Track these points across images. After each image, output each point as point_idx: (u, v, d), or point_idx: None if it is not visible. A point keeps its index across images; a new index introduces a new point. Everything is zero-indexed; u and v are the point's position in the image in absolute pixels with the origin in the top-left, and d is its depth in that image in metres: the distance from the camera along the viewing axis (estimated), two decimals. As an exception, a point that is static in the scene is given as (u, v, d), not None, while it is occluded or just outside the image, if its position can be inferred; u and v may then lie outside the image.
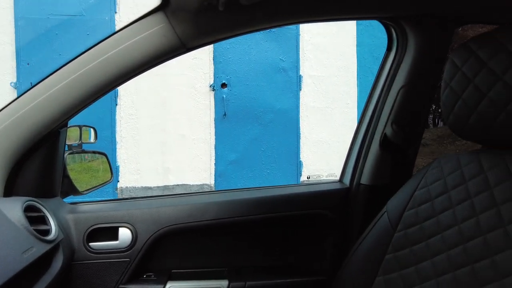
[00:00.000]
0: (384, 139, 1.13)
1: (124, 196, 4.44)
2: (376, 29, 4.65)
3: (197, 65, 4.53)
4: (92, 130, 1.33)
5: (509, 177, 0.69)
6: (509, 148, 0.73)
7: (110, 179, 1.33)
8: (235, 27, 0.90)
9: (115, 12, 4.40)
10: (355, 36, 4.79)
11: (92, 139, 1.34)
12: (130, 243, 1.07)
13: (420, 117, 1.13)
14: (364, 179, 1.16)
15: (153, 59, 0.88)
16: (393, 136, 1.11)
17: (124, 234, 1.07)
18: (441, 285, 0.73)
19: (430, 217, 0.80)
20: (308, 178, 4.76)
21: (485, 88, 0.72)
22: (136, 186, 4.52)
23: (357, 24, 4.75)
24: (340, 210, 1.17)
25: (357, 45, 4.80)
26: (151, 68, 0.91)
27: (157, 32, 0.85)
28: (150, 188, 4.53)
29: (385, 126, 1.13)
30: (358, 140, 1.20)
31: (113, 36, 0.87)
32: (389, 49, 1.14)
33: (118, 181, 4.51)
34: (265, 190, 1.23)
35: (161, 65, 0.93)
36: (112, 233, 1.07)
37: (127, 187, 4.52)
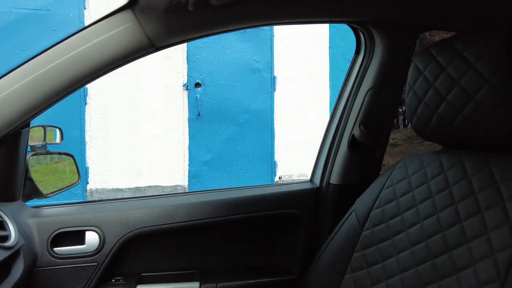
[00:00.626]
0: (352, 140, 1.16)
1: (94, 198, 4.30)
2: (348, 33, 4.73)
3: (170, 64, 4.45)
4: (57, 130, 1.28)
5: (465, 176, 0.73)
6: (466, 149, 0.77)
7: (77, 181, 1.28)
8: (205, 27, 0.90)
9: (84, 8, 4.25)
10: (328, 39, 4.88)
11: (57, 140, 1.29)
12: (98, 247, 1.04)
13: (387, 119, 1.17)
14: (334, 179, 1.19)
15: (122, 57, 0.86)
16: (361, 137, 1.15)
17: (91, 237, 1.04)
18: (404, 281, 0.76)
19: (395, 215, 0.83)
20: (280, 178, 4.80)
21: (445, 92, 0.75)
22: (107, 188, 4.39)
23: (329, 27, 4.84)
24: (311, 210, 1.19)
25: (329, 48, 4.89)
26: (120, 66, 0.89)
27: (125, 30, 0.83)
28: (121, 189, 4.41)
29: (353, 127, 1.16)
30: (328, 140, 1.23)
31: (80, 33, 0.84)
32: (357, 52, 1.17)
33: (88, 182, 4.37)
34: (236, 191, 1.23)
35: (133, 63, 0.91)
36: (78, 237, 1.03)
37: (97, 188, 4.38)
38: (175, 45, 0.92)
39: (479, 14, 1.09)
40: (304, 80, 4.84)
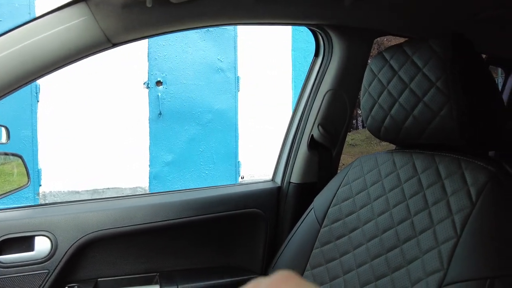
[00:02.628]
0: (312, 140, 1.19)
1: (47, 201, 4.05)
2: (310, 35, 4.86)
3: (130, 61, 4.30)
4: (3, 129, 1.19)
5: (415, 174, 0.77)
6: (417, 148, 0.82)
7: (27, 184, 1.20)
8: (164, 25, 0.88)
9: (36, -2, 3.99)
10: (291, 41, 4.97)
11: (3, 140, 1.20)
12: (49, 253, 0.98)
13: (344, 120, 1.21)
14: (294, 178, 1.21)
15: (75, 53, 0.82)
16: (319, 137, 1.18)
17: (42, 243, 0.98)
18: (360, 275, 0.79)
19: (352, 212, 0.87)
20: (242, 178, 4.80)
21: (397, 94, 0.79)
22: (62, 191, 4.16)
23: (292, 29, 4.93)
24: (272, 209, 1.20)
25: (292, 50, 4.98)
26: (73, 63, 0.85)
27: (78, 24, 0.80)
28: (77, 192, 4.19)
29: (312, 127, 1.19)
30: (288, 140, 1.25)
31: (28, 25, 0.79)
32: (316, 54, 1.21)
33: (40, 185, 4.11)
34: (197, 192, 1.22)
35: (90, 59, 0.87)
36: (27, 244, 0.97)
37: (50, 191, 4.13)
38: (133, 41, 0.90)
39: (429, 22, 1.16)
40: (267, 81, 4.89)
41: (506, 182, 0.64)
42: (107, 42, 0.84)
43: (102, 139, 4.26)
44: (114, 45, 0.86)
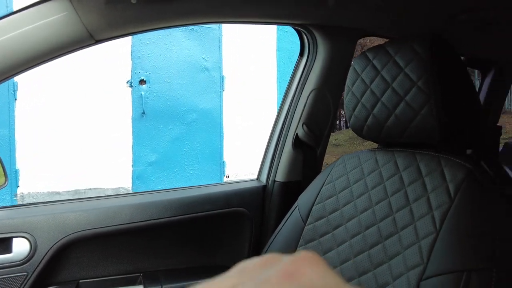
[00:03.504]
0: (296, 139, 1.20)
1: (25, 202, 3.93)
2: (294, 36, 4.89)
3: (113, 59, 4.22)
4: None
5: (397, 172, 0.79)
6: (398, 147, 0.84)
7: (4, 184, 1.17)
8: (148, 21, 0.87)
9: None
10: (275, 41, 4.99)
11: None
12: (28, 255, 0.95)
13: (328, 119, 1.23)
14: (279, 177, 1.22)
15: (56, 49, 0.80)
16: (304, 136, 1.19)
17: (20, 245, 0.95)
18: (344, 272, 0.80)
19: (335, 210, 0.88)
20: (227, 177, 4.79)
21: (379, 93, 0.81)
22: (41, 192, 4.04)
23: (277, 30, 4.94)
24: (257, 207, 1.21)
25: (277, 50, 5.00)
26: (55, 58, 0.83)
27: (60, 19, 0.78)
28: (58, 193, 4.08)
29: (297, 126, 1.21)
30: (274, 139, 1.26)
31: (7, 18, 0.77)
32: (301, 54, 1.22)
33: (18, 186, 3.98)
34: (181, 191, 1.21)
35: (71, 56, 0.85)
36: (4, 245, 0.94)
37: (29, 192, 4.01)
38: (117, 38, 0.88)
39: (410, 24, 1.19)
40: (252, 81, 4.89)
41: (482, 178, 0.67)
42: (89, 38, 0.83)
43: (83, 138, 4.17)
44: (97, 41, 0.85)
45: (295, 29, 1.14)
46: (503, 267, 0.57)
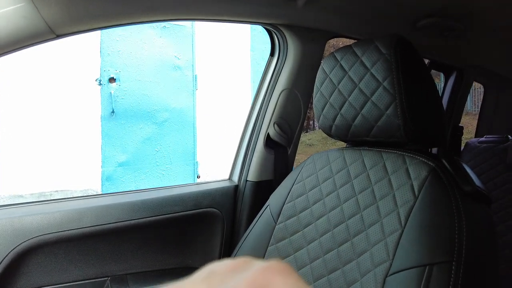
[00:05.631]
0: (268, 139, 1.21)
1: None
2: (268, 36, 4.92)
3: (81, 55, 4.06)
4: None
5: (364, 170, 0.81)
6: (366, 146, 0.86)
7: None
8: (113, 17, 0.84)
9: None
10: (249, 40, 4.99)
11: None
12: None
13: (299, 118, 1.24)
14: (250, 176, 1.22)
15: (11, 43, 0.76)
16: (275, 136, 1.20)
17: None
18: (313, 270, 0.81)
19: (305, 208, 0.88)
20: (198, 177, 4.73)
21: (347, 93, 0.82)
22: (2, 195, 3.82)
23: (251, 29, 4.94)
24: (229, 207, 1.20)
25: (250, 49, 5.00)
26: (9, 53, 0.78)
27: (15, 11, 0.73)
28: (21, 196, 3.87)
29: (268, 126, 1.21)
30: (245, 139, 1.26)
31: None
32: (272, 54, 1.22)
33: (-24, 189, 3.75)
34: (151, 192, 1.18)
35: (35, 52, 0.80)
36: None
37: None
38: (79, 33, 0.85)
39: (375, 27, 1.22)
40: (225, 80, 4.86)
41: (443, 175, 0.69)
42: (50, 32, 0.79)
43: (49, 138, 3.98)
44: (58, 36, 0.81)
45: (265, 28, 1.15)
46: (462, 260, 0.60)
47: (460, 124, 1.99)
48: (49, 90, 3.97)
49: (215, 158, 4.77)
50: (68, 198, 1.08)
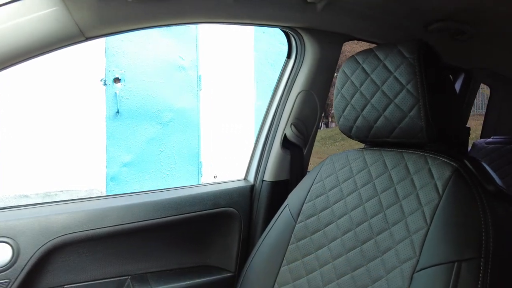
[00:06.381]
0: (285, 139, 1.23)
1: (6, 206, 3.69)
2: (272, 37, 4.94)
3: (87, 56, 4.07)
4: None
5: (386, 170, 0.83)
6: (386, 146, 0.88)
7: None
8: (142, 20, 0.86)
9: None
10: (253, 42, 5.00)
11: None
12: (10, 261, 0.91)
13: (315, 120, 1.26)
14: (267, 176, 1.24)
15: (44, 45, 0.77)
16: (292, 136, 1.22)
17: (2, 250, 0.91)
18: (336, 268, 0.83)
19: (325, 207, 0.90)
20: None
21: (369, 95, 0.84)
22: (7, 196, 3.83)
23: (255, 30, 4.96)
24: (245, 207, 1.22)
25: (254, 50, 5.02)
26: (41, 55, 0.80)
27: (49, 15, 0.75)
28: (26, 196, 3.88)
29: (285, 127, 1.23)
30: (261, 140, 1.28)
31: None
32: (289, 56, 1.24)
33: (-18, 188, 3.76)
34: (169, 192, 1.20)
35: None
36: None
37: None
38: (108, 36, 0.87)
39: (391, 30, 1.24)
40: (229, 81, 4.88)
41: (467, 175, 0.72)
42: (80, 35, 0.81)
43: (54, 138, 3.99)
44: (88, 38, 0.83)
45: (283, 31, 1.17)
46: (490, 256, 0.62)
47: (466, 125, 2.01)
48: (55, 90, 3.98)
49: (219, 158, 4.79)
50: (91, 197, 1.10)
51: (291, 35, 1.18)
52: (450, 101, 0.83)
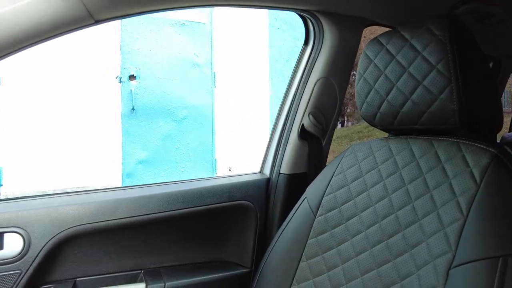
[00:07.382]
0: (302, 130, 1.17)
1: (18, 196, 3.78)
2: (286, 33, 4.88)
3: (102, 53, 4.11)
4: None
5: (413, 159, 0.77)
6: (412, 134, 0.81)
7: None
8: (152, 2, 0.82)
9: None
10: (268, 37, 4.96)
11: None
12: (21, 251, 0.89)
13: (335, 109, 1.20)
14: (284, 169, 1.18)
15: (51, 28, 0.74)
16: (310, 126, 1.16)
17: (12, 241, 0.89)
18: (360, 263, 0.77)
19: (347, 200, 0.85)
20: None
21: (395, 79, 0.78)
22: (25, 192, 3.91)
23: (269, 27, 4.91)
24: (261, 200, 1.17)
25: (269, 46, 4.97)
26: (48, 39, 0.77)
27: None
28: (44, 192, 3.96)
29: (302, 117, 1.17)
30: (277, 131, 1.22)
31: None
32: (306, 43, 1.18)
33: (1, 185, 3.84)
34: (183, 184, 1.16)
35: (57, 49, 0.79)
36: None
37: (13, 192, 3.87)
38: (117, 19, 0.83)
39: (412, 15, 1.17)
40: (244, 78, 4.85)
41: (508, 161, 0.64)
42: (89, 18, 0.77)
43: (71, 135, 4.05)
44: (97, 21, 0.79)
45: (300, 15, 1.11)
46: None
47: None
48: (71, 88, 4.03)
49: (234, 155, 4.76)
50: (103, 188, 1.08)
51: (308, 20, 1.12)
52: (486, 83, 0.76)
